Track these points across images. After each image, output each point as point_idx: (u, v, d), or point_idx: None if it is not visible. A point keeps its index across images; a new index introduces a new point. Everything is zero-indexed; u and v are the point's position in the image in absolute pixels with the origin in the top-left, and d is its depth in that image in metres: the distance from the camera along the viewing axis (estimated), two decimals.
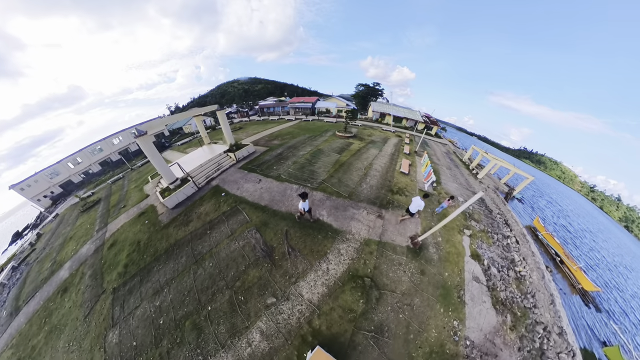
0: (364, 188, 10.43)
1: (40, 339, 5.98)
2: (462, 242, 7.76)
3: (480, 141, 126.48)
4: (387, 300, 5.43)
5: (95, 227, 11.41)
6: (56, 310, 6.79)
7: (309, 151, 14.61)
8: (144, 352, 4.75)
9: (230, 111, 47.68)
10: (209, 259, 6.48)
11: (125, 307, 6.09)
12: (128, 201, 13.59)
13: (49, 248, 11.31)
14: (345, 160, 13.53)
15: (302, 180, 10.50)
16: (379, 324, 4.88)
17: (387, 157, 15.33)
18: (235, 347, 4.37)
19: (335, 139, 19.03)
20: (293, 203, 8.58)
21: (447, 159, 20.19)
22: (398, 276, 6.07)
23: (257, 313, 4.86)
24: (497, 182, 17.55)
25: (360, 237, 7.22)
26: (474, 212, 9.97)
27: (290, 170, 11.63)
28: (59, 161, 26.31)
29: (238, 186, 10.36)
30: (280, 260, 6.09)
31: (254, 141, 19.22)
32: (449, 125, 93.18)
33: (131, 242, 8.79)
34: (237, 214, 8.06)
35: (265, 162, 12.99)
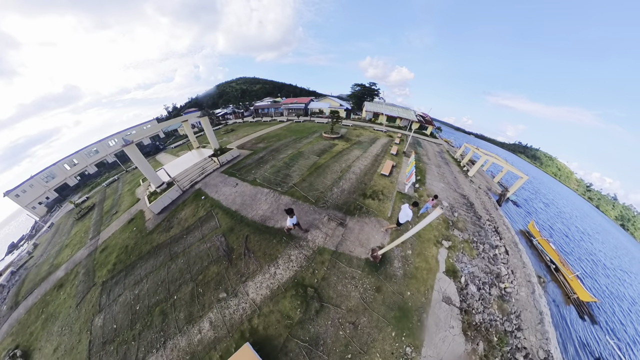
0: (335, 192, 10.43)
1: (37, 325, 7.18)
2: (438, 255, 7.28)
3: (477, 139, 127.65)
4: (329, 314, 5.37)
5: (89, 236, 12.57)
6: (52, 302, 7.99)
7: (289, 154, 15.25)
8: (122, 333, 5.83)
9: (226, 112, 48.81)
10: (182, 257, 7.56)
11: (111, 295, 7.23)
12: (120, 206, 14.77)
13: (46, 255, 12.57)
14: (323, 162, 13.86)
15: (274, 184, 11.03)
16: (314, 336, 4.96)
17: (370, 159, 15.48)
18: (189, 333, 5.30)
19: (321, 140, 19.55)
20: (261, 207, 9.26)
21: (439, 157, 20.31)
22: (347, 291, 5.86)
23: (210, 305, 5.71)
24: (489, 181, 17.07)
25: (314, 245, 7.16)
26: (459, 220, 9.50)
27: (266, 174, 12.25)
28: (55, 163, 27.32)
29: (217, 190, 11.38)
30: (237, 260, 6.81)
31: (242, 144, 20.23)
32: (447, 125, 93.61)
33: (120, 247, 9.91)
34: (210, 220, 9.06)
35: (246, 166, 13.89)
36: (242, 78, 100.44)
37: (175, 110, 72.57)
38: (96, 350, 5.66)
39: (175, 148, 26.94)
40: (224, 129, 31.37)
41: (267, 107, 43.37)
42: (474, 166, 16.53)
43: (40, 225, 21.12)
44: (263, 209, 9.01)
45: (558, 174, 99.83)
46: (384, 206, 9.67)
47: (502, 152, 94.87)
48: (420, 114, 39.41)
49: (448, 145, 30.33)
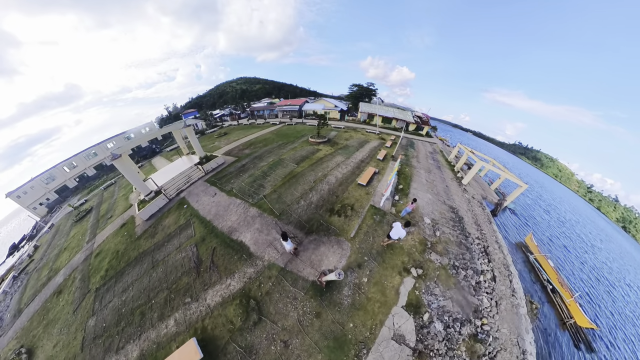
0: (301, 206, 10.27)
1: (39, 329, 8.29)
2: (400, 286, 6.69)
3: (475, 137, 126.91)
4: (266, 328, 5.71)
5: (85, 239, 13.67)
6: (52, 309, 9.09)
7: (269, 162, 15.71)
8: (109, 329, 6.95)
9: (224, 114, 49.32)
10: (161, 266, 8.58)
11: (102, 302, 8.28)
12: (115, 211, 15.82)
13: (46, 258, 13.72)
14: (300, 171, 13.80)
15: (247, 195, 11.54)
16: (250, 345, 5.46)
17: (352, 166, 14.95)
18: (158, 328, 6.41)
19: (306, 145, 19.66)
20: (231, 218, 9.99)
21: (431, 160, 19.20)
22: (287, 310, 6.03)
23: (177, 307, 6.77)
24: (486, 189, 15.53)
25: (266, 260, 7.54)
26: (440, 241, 8.69)
27: (243, 184, 12.83)
28: (55, 165, 28.45)
29: (198, 199, 12.32)
30: (204, 272, 7.67)
31: (230, 150, 20.94)
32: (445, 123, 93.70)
33: (112, 252, 10.97)
34: (187, 228, 10.06)
35: (228, 174, 14.70)
36: (242, 78, 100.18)
37: (176, 110, 72.90)
38: (87, 343, 6.79)
39: (171, 152, 27.69)
40: (218, 133, 31.88)
41: (262, 109, 43.71)
42: (468, 173, 15.15)
43: (41, 225, 22.31)
44: (232, 220, 9.80)
45: (559, 175, 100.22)
46: (349, 224, 9.11)
47: (501, 153, 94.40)
48: (418, 114, 39.11)
49: (443, 143, 29.79)
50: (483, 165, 14.93)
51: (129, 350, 6.10)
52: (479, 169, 15.26)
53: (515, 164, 67.59)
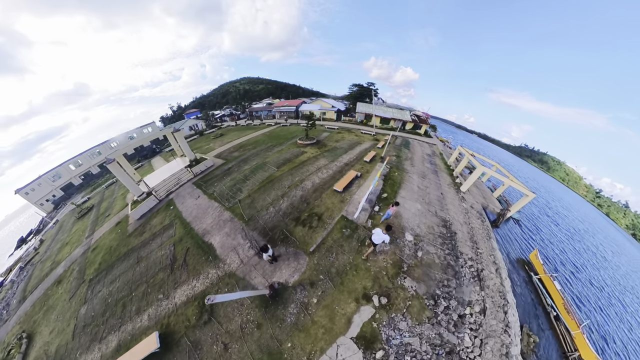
0: (269, 212, 10.29)
1: (39, 315, 9.53)
2: (354, 315, 6.05)
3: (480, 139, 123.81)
4: (212, 328, 6.18)
5: (85, 234, 14.98)
6: (52, 296, 10.36)
7: (253, 165, 16.31)
8: (96, 319, 8.03)
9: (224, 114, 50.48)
10: (144, 261, 9.65)
11: (94, 291, 9.42)
12: (113, 209, 17.10)
13: (50, 251, 15.13)
14: (278, 175, 13.83)
15: (224, 199, 12.11)
16: (197, 341, 6.05)
17: (333, 170, 14.46)
18: (134, 321, 7.33)
19: (293, 147, 19.84)
20: (206, 221, 10.71)
21: (427, 163, 17.86)
22: (233, 314, 6.36)
23: (151, 302, 7.62)
24: (487, 197, 14.31)
25: (228, 268, 7.90)
26: (419, 264, 7.58)
27: (224, 187, 13.51)
28: (62, 163, 30.45)
29: (183, 201, 13.34)
30: (176, 269, 8.46)
31: (222, 152, 21.89)
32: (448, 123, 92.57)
33: (106, 247, 12.15)
34: (170, 228, 11.08)
35: (214, 177, 15.62)
36: (246, 78, 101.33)
37: (180, 109, 74.57)
38: (78, 331, 7.90)
39: (169, 152, 28.84)
40: (214, 134, 32.85)
41: (260, 109, 44.50)
42: (468, 179, 13.69)
43: (47, 221, 24.08)
44: (207, 222, 10.65)
45: (566, 179, 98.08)
46: (312, 237, 8.69)
47: (507, 155, 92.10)
48: (417, 112, 38.78)
49: (444, 145, 28.00)
50: (485, 171, 13.38)
51: (110, 340, 7.12)
52: (481, 174, 13.90)
53: (521, 167, 65.29)
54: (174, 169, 17.79)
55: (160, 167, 20.89)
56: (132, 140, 34.95)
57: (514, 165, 60.48)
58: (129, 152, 35.04)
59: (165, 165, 20.35)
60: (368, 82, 44.93)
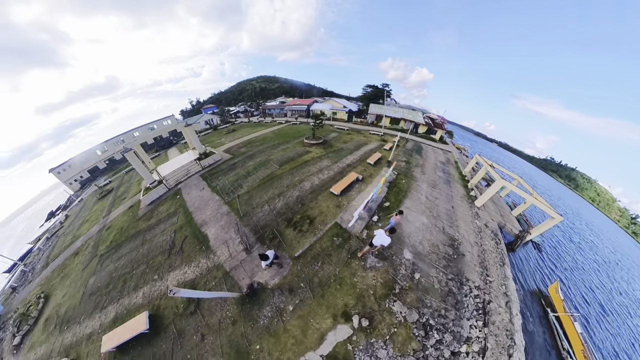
0: (264, 210, 10.37)
1: (57, 280, 10.83)
2: (328, 333, 5.72)
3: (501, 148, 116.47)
4: (196, 319, 6.41)
5: (103, 214, 16.52)
6: (69, 265, 11.68)
7: (257, 162, 16.90)
8: (101, 290, 9.00)
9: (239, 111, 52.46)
10: (147, 244, 10.57)
11: (103, 265, 10.50)
12: (128, 193, 18.64)
13: (72, 226, 16.90)
14: (279, 173, 14.05)
15: (225, 193, 12.66)
16: (182, 330, 6.33)
17: (335, 171, 14.23)
18: (130, 297, 8.07)
19: (298, 146, 20.06)
20: (206, 213, 11.31)
21: (440, 172, 16.54)
22: (215, 309, 6.56)
23: (147, 282, 8.36)
24: (505, 215, 12.72)
25: (217, 260, 8.17)
26: (414, 288, 6.81)
27: (226, 182, 14.21)
28: (90, 149, 33.69)
29: (189, 191, 14.26)
30: (173, 255, 9.08)
31: (231, 147, 22.89)
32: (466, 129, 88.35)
33: (118, 228, 13.39)
34: (174, 216, 11.96)
35: (220, 171, 16.48)
36: (262, 76, 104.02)
37: (199, 104, 78.86)
38: (85, 298, 8.92)
39: (184, 144, 30.56)
40: (227, 129, 34.25)
41: (273, 107, 45.65)
42: (485, 192, 12.25)
43: (73, 199, 26.79)
44: (206, 214, 11.31)
45: (596, 200, 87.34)
46: (301, 241, 8.47)
47: (530, 168, 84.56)
48: (431, 115, 37.03)
49: (461, 153, 26.18)
50: (504, 185, 11.68)
51: (109, 310, 7.96)
52: (500, 189, 12.04)
53: (546, 183, 59.09)
54: (185, 160, 19.00)
55: (174, 157, 22.35)
56: (152, 131, 37.50)
57: (537, 180, 54.91)
58: (149, 142, 37.68)
59: (178, 157, 21.72)
60: (383, 84, 44.30)
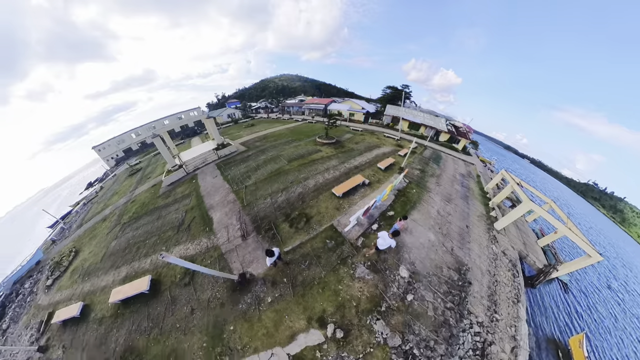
0: (266, 203, 10.86)
1: (86, 239, 12.63)
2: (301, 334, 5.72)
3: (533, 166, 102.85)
4: (189, 291, 7.07)
5: (130, 189, 18.58)
6: (97, 228, 13.55)
7: (268, 156, 17.65)
8: (118, 252, 10.39)
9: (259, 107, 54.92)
10: (162, 219, 11.85)
11: (124, 232, 12.01)
12: (154, 174, 20.70)
13: (104, 197, 19.31)
14: (287, 169, 14.41)
15: (234, 182, 13.52)
16: (175, 297, 7.14)
17: (341, 171, 14.11)
18: (141, 261, 9.25)
19: (310, 145, 20.24)
20: (215, 198, 12.17)
21: (458, 185, 15.19)
22: (207, 287, 7.11)
23: (156, 252, 9.44)
24: (529, 243, 11.08)
25: (216, 242, 8.86)
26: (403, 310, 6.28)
27: (237, 172, 15.15)
28: (126, 132, 38.14)
29: (204, 177, 15.54)
30: (182, 231, 10.11)
31: (247, 140, 24.19)
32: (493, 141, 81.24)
33: (141, 202, 15.07)
34: (187, 198, 13.18)
35: (234, 162, 17.61)
36: (285, 75, 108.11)
37: (224, 98, 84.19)
38: (105, 257, 10.38)
39: (206, 134, 32.72)
40: (246, 124, 36.08)
41: (291, 105, 47.00)
42: (508, 214, 10.74)
43: (108, 173, 30.61)
44: (215, 200, 12.26)
45: None
46: (294, 237, 8.64)
47: (566, 192, 70.83)
48: (455, 122, 34.29)
49: (485, 167, 24.28)
50: (533, 208, 10.02)
51: (122, 270, 9.23)
52: (527, 212, 10.38)
53: (584, 212, 48.25)
54: (204, 149, 20.59)
55: (196, 146, 24.27)
56: (179, 120, 40.94)
57: (574, 207, 45.85)
58: (176, 130, 41.04)
59: (199, 145, 23.57)
60: (403, 85, 42.30)
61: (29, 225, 58.61)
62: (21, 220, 77.25)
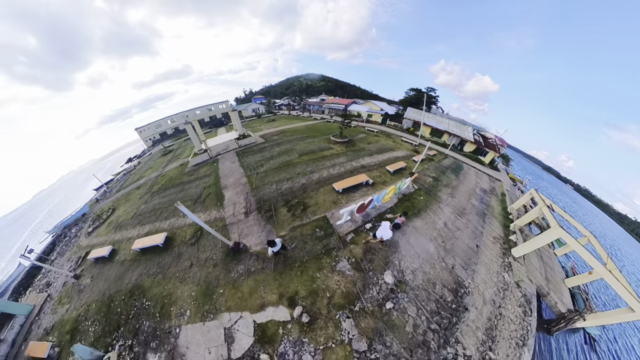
0: (273, 189, 11.74)
1: (122, 201, 15.14)
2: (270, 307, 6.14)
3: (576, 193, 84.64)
4: (194, 250, 8.41)
5: (162, 165, 21.25)
6: (132, 193, 16.10)
7: (282, 149, 18.72)
8: (145, 214, 12.38)
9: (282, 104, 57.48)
10: (183, 192, 13.73)
11: (152, 199, 14.10)
12: (182, 155, 23.25)
13: (141, 170, 22.40)
14: (296, 162, 15.17)
15: (248, 169, 14.92)
16: (181, 253, 8.42)
17: (346, 169, 14.11)
18: (161, 222, 11.01)
19: (323, 142, 20.43)
20: (230, 180, 13.61)
21: (475, 199, 13.61)
22: (207, 248, 8.38)
23: (174, 216, 11.00)
24: (553, 280, 9.20)
25: (223, 215, 10.23)
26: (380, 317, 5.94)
27: (252, 160, 16.54)
28: (163, 118, 43.18)
29: (224, 162, 17.32)
30: (198, 203, 11.86)
31: (266, 133, 25.81)
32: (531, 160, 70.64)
33: (169, 177, 17.32)
34: (207, 177, 14.96)
35: (251, 151, 19.16)
36: (310, 74, 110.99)
37: (250, 94, 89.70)
38: (134, 217, 12.47)
39: (230, 125, 35.33)
40: (268, 119, 38.16)
41: (312, 103, 48.35)
42: (531, 240, 9.01)
43: (146, 152, 35.04)
44: (230, 181, 13.74)
45: None
46: (288, 222, 9.22)
47: (617, 230, 53.26)
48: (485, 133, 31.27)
49: (515, 186, 21.16)
50: (565, 239, 8.08)
51: (145, 227, 11.11)
52: (555, 241, 8.83)
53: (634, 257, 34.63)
54: (227, 138, 22.68)
55: (221, 134, 26.66)
56: (209, 111, 44.96)
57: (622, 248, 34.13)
58: (205, 119, 44.88)
59: (223, 134, 25.89)
60: (428, 87, 39.74)
61: (79, 187, 73.37)
62: (74, 183, 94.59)
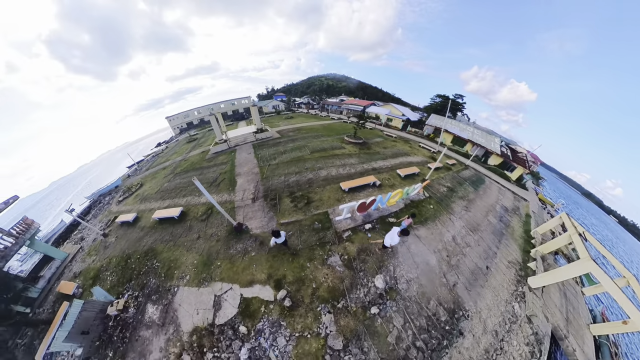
0: (281, 180, 12.36)
1: (149, 178, 17.04)
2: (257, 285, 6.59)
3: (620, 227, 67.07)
4: (203, 225, 9.40)
5: (186, 151, 23.18)
6: (158, 173, 17.99)
7: (296, 144, 19.38)
8: (167, 191, 13.90)
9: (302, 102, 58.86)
10: (203, 175, 15.09)
11: (174, 180, 15.64)
12: (205, 143, 25.09)
13: (167, 154, 24.69)
14: (307, 158, 15.65)
15: (262, 160, 15.96)
16: (191, 227, 9.54)
17: (356, 170, 13.98)
18: (179, 199, 12.39)
19: (336, 141, 20.28)
20: (244, 168, 14.79)
21: (493, 217, 12.31)
22: (215, 225, 9.30)
23: (191, 195, 12.37)
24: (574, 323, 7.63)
25: (233, 198, 11.29)
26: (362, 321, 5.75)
27: (266, 153, 17.48)
28: (191, 109, 47.31)
29: (240, 152, 18.55)
30: (213, 186, 13.00)
31: (283, 129, 26.71)
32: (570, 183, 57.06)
33: (191, 161, 19.00)
34: (224, 165, 16.21)
35: (266, 145, 20.18)
36: (331, 74, 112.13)
37: (272, 91, 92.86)
38: (157, 192, 14.08)
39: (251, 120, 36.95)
40: (287, 116, 39.40)
41: (331, 104, 48.85)
42: (553, 271, 7.98)
43: (173, 138, 38.43)
44: (243, 169, 14.81)
45: None
46: (292, 214, 9.49)
47: None
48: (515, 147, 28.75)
49: (544, 208, 18.69)
50: (596, 275, 6.71)
51: (165, 202, 12.61)
52: (584, 275, 7.95)
53: None
54: (246, 131, 24.09)
55: (241, 127, 28.28)
56: (232, 105, 47.65)
57: None
58: (228, 113, 47.36)
59: (243, 127, 27.46)
60: (455, 94, 37.01)
61: (115, 163, 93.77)
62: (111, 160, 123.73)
